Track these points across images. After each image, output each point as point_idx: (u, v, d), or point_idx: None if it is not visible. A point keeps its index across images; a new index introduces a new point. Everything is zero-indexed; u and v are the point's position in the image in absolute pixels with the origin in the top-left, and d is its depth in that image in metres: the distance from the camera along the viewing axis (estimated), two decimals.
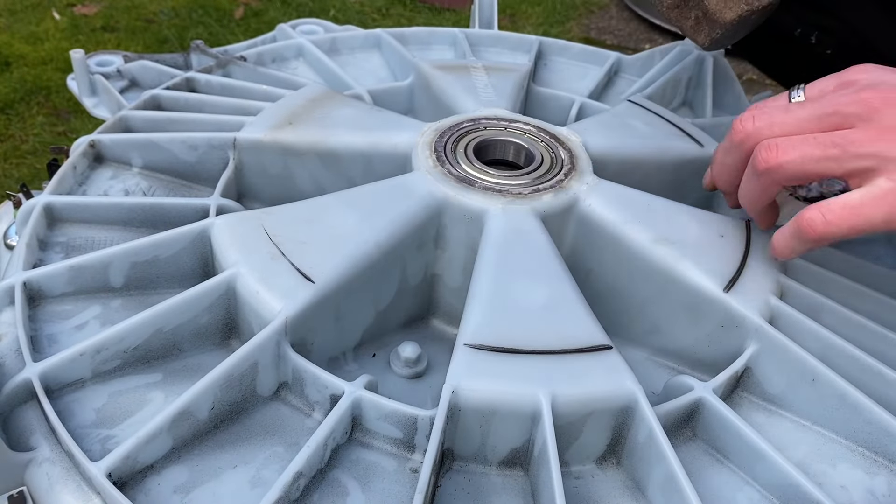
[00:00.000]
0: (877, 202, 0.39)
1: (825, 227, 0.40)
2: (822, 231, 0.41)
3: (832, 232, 0.40)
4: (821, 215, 0.41)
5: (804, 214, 0.42)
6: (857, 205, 0.40)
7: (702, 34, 0.60)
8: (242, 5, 2.19)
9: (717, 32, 0.59)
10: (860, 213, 0.39)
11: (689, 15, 0.59)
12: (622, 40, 2.24)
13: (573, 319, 0.43)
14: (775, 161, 0.42)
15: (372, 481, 0.39)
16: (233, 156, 0.56)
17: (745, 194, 0.46)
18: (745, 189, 0.46)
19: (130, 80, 0.74)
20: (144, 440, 0.37)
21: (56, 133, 1.61)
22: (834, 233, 0.40)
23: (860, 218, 0.39)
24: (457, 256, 0.50)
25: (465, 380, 0.39)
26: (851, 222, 0.40)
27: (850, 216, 0.40)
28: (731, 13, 0.57)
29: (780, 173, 0.42)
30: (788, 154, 0.41)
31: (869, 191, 0.39)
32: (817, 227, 0.41)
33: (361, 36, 0.79)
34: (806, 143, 0.41)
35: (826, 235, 0.41)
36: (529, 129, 0.56)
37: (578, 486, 0.40)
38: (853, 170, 0.40)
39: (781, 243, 0.44)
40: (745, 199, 0.46)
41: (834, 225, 0.40)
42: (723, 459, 0.42)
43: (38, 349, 0.44)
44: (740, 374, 0.45)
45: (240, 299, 0.44)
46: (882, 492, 0.41)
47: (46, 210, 0.51)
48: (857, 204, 0.40)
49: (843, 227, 0.40)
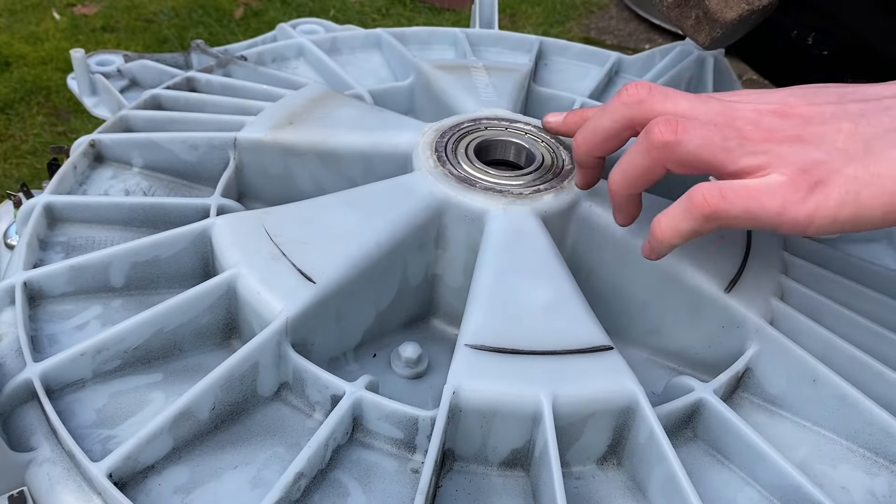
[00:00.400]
0: (772, 192, 0.37)
1: (720, 202, 0.38)
2: (716, 206, 0.38)
3: (726, 209, 0.38)
4: (718, 190, 0.38)
5: (698, 188, 0.39)
6: (755, 189, 0.38)
7: (702, 33, 0.60)
8: (242, 5, 2.19)
9: (718, 32, 0.59)
10: (757, 197, 0.38)
11: (690, 14, 0.59)
12: (622, 40, 2.24)
13: (574, 320, 0.43)
14: (673, 137, 0.39)
15: (373, 482, 0.39)
16: (233, 156, 0.56)
17: (626, 170, 0.42)
18: (627, 164, 0.42)
19: (131, 80, 0.74)
20: (145, 440, 0.37)
21: (56, 133, 1.61)
22: (728, 210, 0.38)
23: (756, 202, 0.38)
24: (457, 257, 0.50)
25: (466, 380, 0.39)
26: (747, 204, 0.38)
27: (748, 198, 0.38)
28: (731, 13, 0.57)
29: (675, 151, 0.39)
30: (689, 133, 0.39)
31: (765, 181, 0.38)
32: (713, 201, 0.38)
33: (362, 35, 0.79)
34: (707, 128, 0.39)
35: (720, 212, 0.38)
36: (530, 129, 0.56)
37: (579, 487, 0.40)
38: (746, 165, 0.38)
39: (666, 223, 0.41)
40: (623, 177, 0.43)
41: (730, 202, 0.38)
42: (723, 460, 0.42)
43: (39, 349, 0.44)
44: (741, 374, 0.45)
45: (240, 299, 0.44)
46: (883, 493, 0.41)
47: (47, 210, 0.51)
48: (755, 188, 0.38)
49: (738, 207, 0.38)
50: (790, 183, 0.37)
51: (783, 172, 0.38)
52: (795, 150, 0.38)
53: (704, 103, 0.41)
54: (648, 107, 0.42)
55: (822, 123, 0.38)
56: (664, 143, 0.40)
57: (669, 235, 0.41)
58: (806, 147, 0.38)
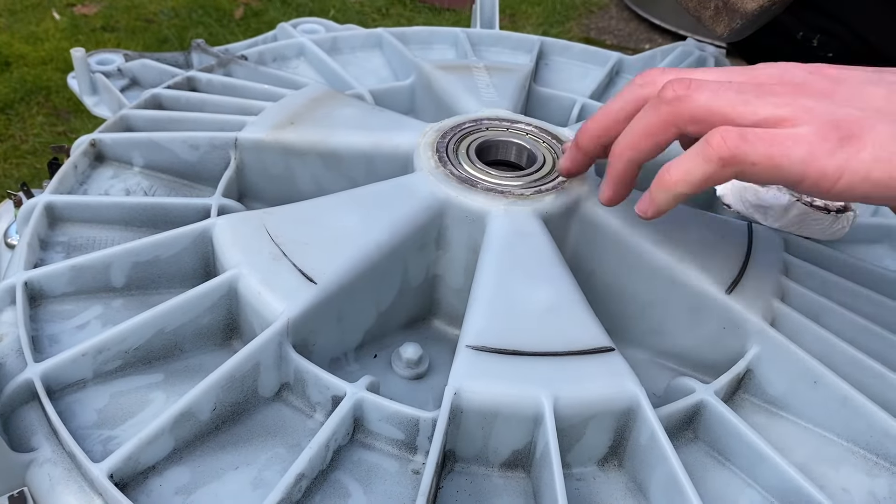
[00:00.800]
0: (798, 138, 0.34)
1: (740, 143, 0.35)
2: (735, 148, 0.35)
3: (745, 153, 0.35)
4: (738, 132, 0.35)
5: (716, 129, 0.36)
6: (780, 135, 0.35)
7: (721, 24, 0.59)
8: (242, 5, 2.19)
9: (738, 23, 0.58)
10: (782, 142, 0.34)
11: (709, 4, 0.58)
12: (622, 40, 2.24)
13: (575, 321, 0.43)
14: (685, 91, 0.37)
15: (374, 483, 0.39)
16: (234, 155, 0.56)
17: (632, 128, 0.39)
18: (635, 122, 0.39)
19: (131, 79, 0.74)
20: (146, 441, 0.37)
21: (56, 133, 1.61)
22: (748, 154, 0.35)
23: (780, 147, 0.34)
24: (458, 257, 0.50)
25: (467, 381, 0.39)
26: (770, 149, 0.34)
27: (771, 142, 0.34)
28: (752, 4, 0.56)
29: (688, 104, 0.37)
30: (702, 87, 0.37)
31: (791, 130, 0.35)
32: (732, 142, 0.35)
33: (363, 35, 0.79)
34: (723, 83, 0.37)
35: (738, 156, 0.35)
36: (531, 129, 0.56)
37: (580, 488, 0.40)
38: (768, 116, 0.35)
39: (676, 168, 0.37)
40: (630, 136, 0.39)
41: (750, 144, 0.35)
42: (724, 461, 0.42)
43: (40, 349, 0.44)
44: (742, 375, 0.45)
45: (241, 300, 0.44)
46: (883, 494, 0.41)
47: (47, 209, 0.51)
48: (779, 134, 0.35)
49: (760, 151, 0.35)
50: (818, 132, 0.34)
51: (811, 124, 0.34)
52: (824, 104, 0.35)
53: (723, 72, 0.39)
54: (661, 82, 0.39)
55: (855, 85, 0.36)
56: (676, 97, 0.37)
57: (678, 181, 0.37)
58: (836, 101, 0.35)
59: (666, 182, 0.37)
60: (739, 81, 0.37)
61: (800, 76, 0.37)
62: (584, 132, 0.43)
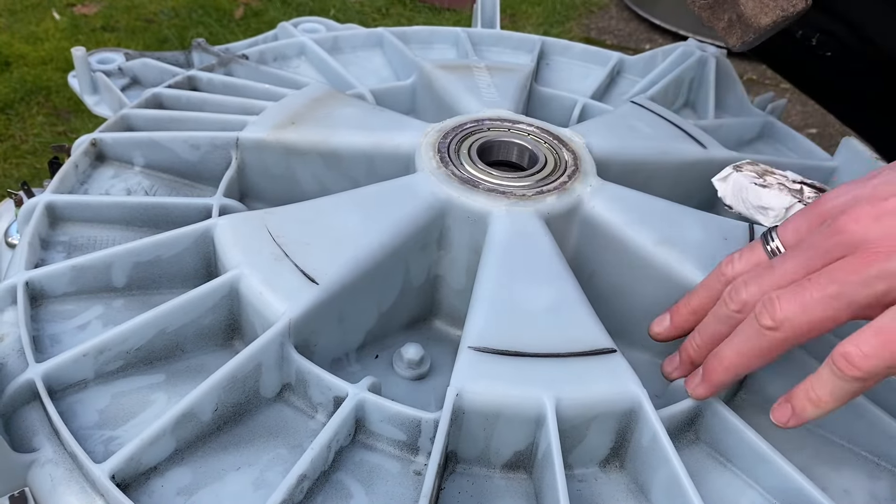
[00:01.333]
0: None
1: (864, 360, 0.35)
2: (861, 365, 0.35)
3: (874, 365, 0.35)
4: (856, 347, 0.35)
5: (837, 352, 0.36)
6: (891, 328, 0.35)
7: (734, 36, 0.59)
8: (242, 5, 2.19)
9: (751, 36, 0.58)
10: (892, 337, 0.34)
11: (723, 17, 0.59)
12: (622, 40, 2.24)
13: (577, 322, 0.43)
14: (781, 314, 0.37)
15: (375, 483, 0.39)
16: (235, 155, 0.56)
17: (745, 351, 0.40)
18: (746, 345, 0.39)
19: (132, 78, 0.73)
20: (148, 442, 0.37)
21: (56, 133, 1.61)
22: (876, 365, 0.35)
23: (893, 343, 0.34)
24: (460, 258, 0.49)
25: (469, 382, 0.39)
26: (893, 348, 0.34)
27: (890, 342, 0.34)
28: (766, 18, 0.57)
29: (791, 325, 0.37)
30: (790, 306, 0.37)
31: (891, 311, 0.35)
32: (856, 361, 0.35)
33: (363, 35, 0.79)
34: (801, 288, 0.37)
35: (870, 370, 0.35)
36: (533, 130, 0.56)
37: (582, 489, 0.40)
38: (864, 300, 0.36)
39: (821, 391, 0.37)
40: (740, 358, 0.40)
41: (874, 356, 0.35)
42: (726, 463, 0.42)
43: (41, 349, 0.44)
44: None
45: (243, 300, 0.44)
46: (885, 496, 0.41)
47: (48, 209, 0.51)
48: (891, 327, 0.35)
49: (886, 355, 0.35)
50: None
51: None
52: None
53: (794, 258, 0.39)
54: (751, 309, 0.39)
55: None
56: (775, 325, 0.38)
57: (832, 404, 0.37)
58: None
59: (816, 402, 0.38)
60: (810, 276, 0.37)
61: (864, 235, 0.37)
62: (696, 351, 0.43)
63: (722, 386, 0.41)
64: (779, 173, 0.53)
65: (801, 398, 0.38)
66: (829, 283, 0.36)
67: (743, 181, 0.52)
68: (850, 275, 0.36)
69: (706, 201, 0.61)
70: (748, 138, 0.73)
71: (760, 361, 0.39)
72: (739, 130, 0.72)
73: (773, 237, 0.42)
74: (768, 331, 0.38)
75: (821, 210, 0.40)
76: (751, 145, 0.73)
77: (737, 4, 0.57)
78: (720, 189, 0.54)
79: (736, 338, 0.40)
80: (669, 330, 0.45)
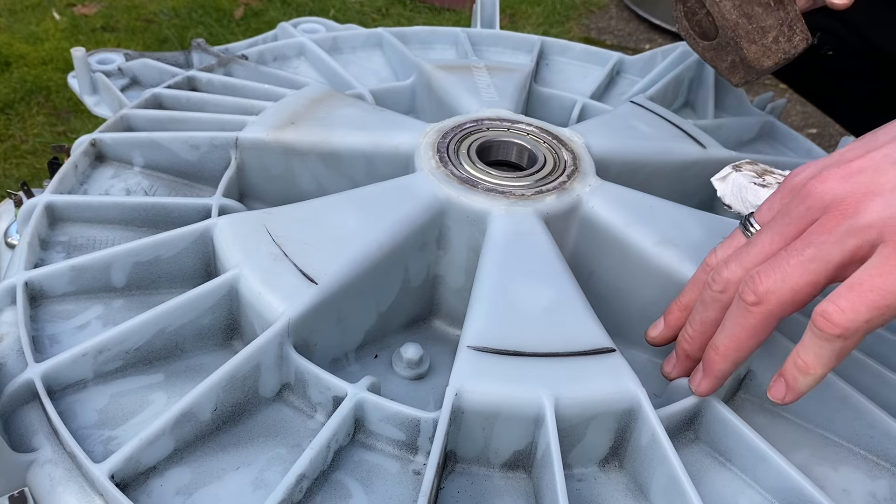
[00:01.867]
0: (886, 272, 0.34)
1: (841, 315, 0.35)
2: (839, 321, 0.35)
3: (852, 319, 0.35)
4: (832, 305, 0.35)
5: (816, 313, 0.36)
6: (867, 283, 0.35)
7: (736, 76, 0.61)
8: (242, 5, 2.19)
9: (753, 77, 0.60)
10: (878, 289, 0.34)
11: (726, 58, 0.60)
12: (622, 40, 2.24)
13: (576, 322, 0.43)
14: (762, 287, 0.37)
15: (374, 483, 0.39)
16: (235, 155, 0.56)
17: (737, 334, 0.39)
18: (737, 328, 0.39)
19: (131, 79, 0.73)
20: (147, 441, 0.37)
21: (56, 133, 1.61)
22: (854, 320, 0.35)
23: (876, 293, 0.34)
24: (459, 257, 0.49)
25: (468, 382, 0.39)
26: (871, 302, 0.34)
27: (867, 297, 0.34)
28: (768, 62, 0.58)
29: (772, 299, 0.37)
30: (770, 277, 0.37)
31: (870, 262, 0.35)
32: (834, 318, 0.35)
33: (363, 35, 0.79)
34: (778, 259, 0.37)
35: (849, 326, 0.35)
36: (532, 129, 0.56)
37: (581, 489, 0.40)
38: (839, 259, 0.36)
39: (806, 356, 0.37)
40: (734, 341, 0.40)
41: (850, 310, 0.35)
42: (725, 462, 0.42)
43: (40, 349, 0.44)
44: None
45: (242, 300, 0.44)
46: (884, 495, 0.41)
47: (48, 209, 0.51)
48: (867, 282, 0.35)
49: (862, 309, 0.34)
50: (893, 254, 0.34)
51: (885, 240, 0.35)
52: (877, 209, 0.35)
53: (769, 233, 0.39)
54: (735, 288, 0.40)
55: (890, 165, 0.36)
56: (758, 300, 0.37)
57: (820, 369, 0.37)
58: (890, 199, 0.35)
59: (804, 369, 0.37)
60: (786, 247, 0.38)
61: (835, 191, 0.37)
62: (690, 342, 0.43)
63: (723, 376, 0.41)
64: (778, 173, 0.53)
65: (791, 369, 0.38)
66: (804, 248, 0.37)
67: (742, 181, 0.52)
68: (822, 235, 0.36)
69: (705, 201, 0.61)
70: (748, 138, 0.73)
71: (754, 341, 0.39)
72: (739, 130, 0.72)
73: (752, 222, 0.42)
74: (753, 306, 0.38)
75: (791, 184, 0.40)
76: (750, 145, 0.73)
77: (739, 48, 0.58)
78: (719, 189, 0.54)
79: (726, 323, 0.40)
80: (664, 331, 0.45)
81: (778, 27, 0.56)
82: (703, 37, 0.60)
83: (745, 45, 0.58)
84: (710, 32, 0.59)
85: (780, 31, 0.57)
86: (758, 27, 0.57)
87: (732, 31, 0.57)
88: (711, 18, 0.59)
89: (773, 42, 0.57)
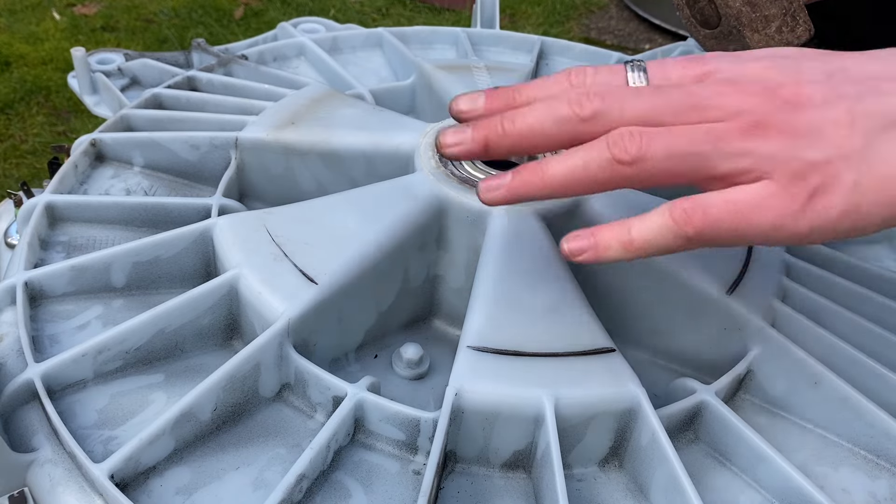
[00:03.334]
0: (764, 205, 0.33)
1: (704, 220, 0.33)
2: (700, 226, 0.33)
3: (711, 230, 0.33)
4: (700, 208, 0.33)
5: (677, 205, 0.34)
6: (742, 204, 0.33)
7: None
8: (242, 5, 2.19)
9: None
10: (747, 215, 0.33)
11: (728, 48, 0.60)
12: (622, 40, 2.24)
13: (576, 322, 0.43)
14: (639, 152, 0.33)
15: (374, 483, 0.39)
16: (235, 155, 0.56)
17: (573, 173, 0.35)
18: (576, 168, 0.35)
19: (131, 79, 0.73)
20: (147, 441, 0.37)
21: (56, 133, 1.61)
22: (713, 231, 0.33)
23: (745, 220, 0.33)
24: (459, 257, 0.49)
25: (468, 382, 0.39)
26: (735, 223, 0.33)
27: (735, 215, 0.33)
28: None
29: (642, 168, 0.34)
30: (654, 145, 0.33)
31: (754, 191, 0.33)
32: (696, 221, 0.33)
33: (363, 35, 0.79)
34: (672, 133, 0.34)
35: (704, 233, 0.33)
36: None
37: (581, 489, 0.40)
38: (727, 172, 0.33)
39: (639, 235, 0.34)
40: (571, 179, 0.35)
41: (716, 221, 0.33)
42: (725, 462, 0.42)
43: (40, 349, 0.44)
44: (742, 376, 0.45)
45: (242, 300, 0.44)
46: (884, 495, 0.41)
47: (48, 209, 0.51)
48: (742, 203, 0.33)
49: (724, 227, 0.33)
50: (785, 192, 0.33)
51: (775, 178, 0.33)
52: (786, 147, 0.33)
53: (666, 97, 0.35)
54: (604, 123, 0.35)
55: (813, 108, 0.33)
56: (632, 161, 0.34)
57: (641, 248, 0.35)
58: (798, 144, 0.33)
59: (628, 246, 0.35)
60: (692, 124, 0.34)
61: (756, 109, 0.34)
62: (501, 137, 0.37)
63: (525, 199, 0.36)
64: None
65: (610, 237, 0.35)
66: (703, 142, 0.33)
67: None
68: (723, 140, 0.33)
69: None
70: None
71: (588, 191, 0.35)
72: None
73: (640, 72, 0.37)
74: (619, 164, 0.34)
75: (705, 69, 0.36)
76: None
77: (742, 37, 0.58)
78: None
79: (572, 158, 0.35)
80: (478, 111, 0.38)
81: (781, 17, 0.56)
82: (704, 25, 0.60)
83: (748, 35, 0.57)
84: (712, 21, 0.59)
85: (783, 20, 0.56)
86: (761, 16, 0.56)
87: (735, 19, 0.57)
88: (714, 6, 0.58)
89: (776, 32, 0.56)
